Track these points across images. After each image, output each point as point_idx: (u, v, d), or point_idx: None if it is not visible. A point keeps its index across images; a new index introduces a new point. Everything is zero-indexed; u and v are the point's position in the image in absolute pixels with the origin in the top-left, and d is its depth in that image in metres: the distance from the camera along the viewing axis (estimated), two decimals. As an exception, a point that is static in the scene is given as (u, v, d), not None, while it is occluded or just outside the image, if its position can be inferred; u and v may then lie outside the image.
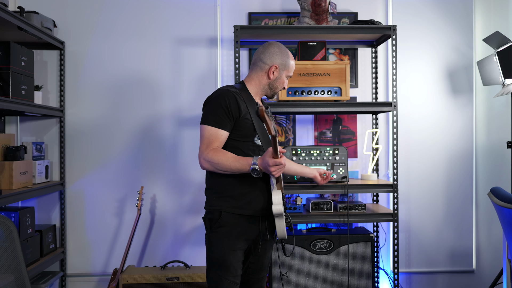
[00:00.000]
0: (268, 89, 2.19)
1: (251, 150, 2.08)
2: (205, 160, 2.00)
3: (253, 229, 2.08)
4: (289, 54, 2.19)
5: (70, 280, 3.41)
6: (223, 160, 1.96)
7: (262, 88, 2.18)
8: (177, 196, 3.43)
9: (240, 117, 2.04)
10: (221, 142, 2.03)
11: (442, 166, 3.53)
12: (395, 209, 3.02)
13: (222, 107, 2.01)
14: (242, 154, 2.04)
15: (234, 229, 2.05)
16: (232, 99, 2.03)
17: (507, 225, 2.21)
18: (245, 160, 1.96)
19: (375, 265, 3.21)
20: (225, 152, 1.99)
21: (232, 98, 2.02)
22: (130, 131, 3.42)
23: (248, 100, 2.11)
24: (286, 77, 2.19)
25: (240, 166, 1.96)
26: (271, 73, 2.14)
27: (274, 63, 2.14)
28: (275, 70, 2.14)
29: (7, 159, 2.85)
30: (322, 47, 3.17)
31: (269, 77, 2.15)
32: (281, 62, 2.15)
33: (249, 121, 2.06)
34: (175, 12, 3.45)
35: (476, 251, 3.55)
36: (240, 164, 1.96)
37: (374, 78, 3.50)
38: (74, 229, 3.41)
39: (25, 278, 1.76)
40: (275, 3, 3.49)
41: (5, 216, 1.76)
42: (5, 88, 2.72)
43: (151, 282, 2.99)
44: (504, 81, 2.96)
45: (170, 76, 3.44)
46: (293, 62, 2.20)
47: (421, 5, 3.52)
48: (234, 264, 2.04)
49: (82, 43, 3.41)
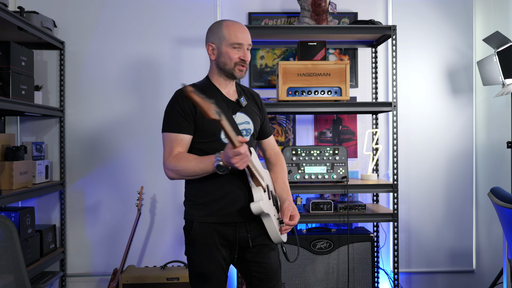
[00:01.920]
0: (220, 70, 1.97)
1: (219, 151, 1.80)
2: (169, 169, 1.85)
3: (231, 235, 1.93)
4: (220, 24, 1.96)
5: (70, 280, 3.41)
6: (186, 165, 1.81)
7: (216, 72, 1.99)
8: (177, 196, 3.43)
9: (197, 115, 1.88)
10: (183, 146, 1.88)
11: (442, 166, 3.53)
12: (395, 209, 3.02)
13: (177, 109, 1.89)
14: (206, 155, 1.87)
15: (208, 239, 1.90)
16: (184, 99, 1.87)
17: (507, 225, 2.22)
18: (208, 158, 1.79)
19: (375, 265, 3.21)
20: (187, 156, 1.85)
21: (185, 97, 1.77)
22: (130, 131, 3.42)
23: (211, 92, 1.94)
24: (231, 47, 1.93)
25: (205, 166, 1.79)
26: (211, 54, 1.98)
27: (208, 42, 1.99)
28: (212, 49, 1.97)
29: (7, 159, 2.85)
30: (322, 47, 3.17)
31: (212, 58, 1.99)
32: (212, 37, 1.97)
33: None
34: (175, 12, 3.45)
35: (476, 251, 3.55)
36: (204, 164, 1.79)
37: (374, 78, 3.50)
38: (74, 229, 3.41)
39: (25, 278, 1.76)
40: (275, 3, 3.49)
41: (5, 216, 1.76)
42: (5, 88, 2.72)
43: (151, 282, 2.99)
44: (504, 81, 2.95)
45: (170, 76, 3.44)
46: (228, 28, 1.94)
47: (421, 5, 3.52)
48: (215, 274, 1.92)
49: (82, 43, 3.41)
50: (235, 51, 1.93)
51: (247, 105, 2.03)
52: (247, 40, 1.96)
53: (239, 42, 1.93)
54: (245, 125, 1.99)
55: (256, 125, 2.04)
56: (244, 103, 2.00)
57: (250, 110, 2.03)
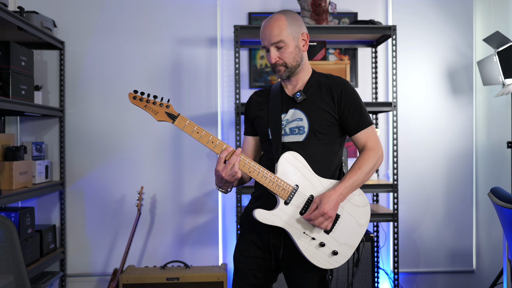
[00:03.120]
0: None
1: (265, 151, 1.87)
2: None
3: (266, 237, 1.80)
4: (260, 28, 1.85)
5: (70, 280, 3.41)
6: None
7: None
8: (177, 196, 3.43)
9: (252, 117, 1.92)
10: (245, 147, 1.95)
11: (442, 166, 3.53)
12: (395, 209, 3.02)
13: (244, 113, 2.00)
14: (264, 157, 1.88)
15: (246, 232, 1.87)
16: (247, 102, 1.96)
17: (507, 225, 2.21)
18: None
19: (375, 265, 3.21)
20: None
21: (248, 101, 1.96)
22: (130, 131, 3.42)
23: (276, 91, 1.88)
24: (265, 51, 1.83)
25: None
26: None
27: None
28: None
29: (7, 159, 2.85)
30: (322, 47, 3.17)
31: None
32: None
33: (262, 118, 1.86)
34: (175, 12, 3.45)
35: (476, 251, 3.55)
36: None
37: (374, 78, 3.50)
38: (74, 229, 3.41)
39: (25, 278, 1.76)
40: (275, 3, 3.49)
41: (5, 216, 1.76)
42: (5, 88, 2.72)
43: (151, 282, 2.99)
44: (504, 81, 2.95)
45: (169, 76, 3.44)
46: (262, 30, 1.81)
47: (421, 5, 3.52)
48: (243, 270, 1.84)
49: (82, 43, 3.41)
50: (267, 55, 1.81)
51: (307, 100, 1.80)
52: (269, 40, 1.77)
53: (263, 45, 1.82)
54: (296, 123, 1.79)
55: (313, 122, 1.77)
56: (300, 98, 1.79)
57: (309, 105, 1.79)
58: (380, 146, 1.80)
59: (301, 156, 1.74)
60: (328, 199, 1.66)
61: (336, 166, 1.82)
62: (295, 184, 1.72)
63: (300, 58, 1.81)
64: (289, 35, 1.77)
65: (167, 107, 1.70)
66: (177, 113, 1.70)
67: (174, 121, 1.69)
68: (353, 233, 1.75)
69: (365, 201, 1.79)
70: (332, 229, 1.72)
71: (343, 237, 1.74)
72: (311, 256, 1.70)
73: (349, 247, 1.75)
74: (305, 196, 1.72)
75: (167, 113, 1.70)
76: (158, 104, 1.70)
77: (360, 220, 1.77)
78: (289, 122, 1.79)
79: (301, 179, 1.73)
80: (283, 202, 1.71)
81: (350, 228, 1.75)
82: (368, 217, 1.79)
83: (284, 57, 1.77)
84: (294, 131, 1.78)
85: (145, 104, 1.70)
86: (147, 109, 1.70)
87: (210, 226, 3.44)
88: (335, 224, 1.73)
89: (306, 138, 1.77)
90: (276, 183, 1.71)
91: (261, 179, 1.70)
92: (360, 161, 1.75)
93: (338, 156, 1.83)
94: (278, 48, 1.77)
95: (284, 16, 1.78)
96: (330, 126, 1.79)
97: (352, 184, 1.72)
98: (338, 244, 1.73)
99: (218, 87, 3.45)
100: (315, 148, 1.77)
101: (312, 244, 1.71)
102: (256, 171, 1.71)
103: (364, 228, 1.78)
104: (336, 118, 1.79)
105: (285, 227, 1.70)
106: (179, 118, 1.70)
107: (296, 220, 1.71)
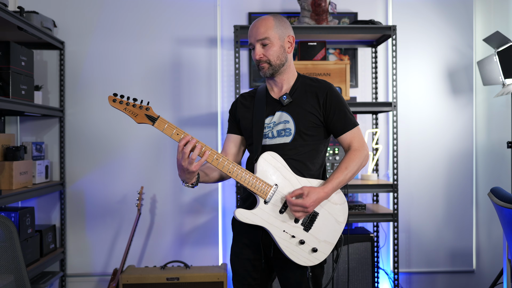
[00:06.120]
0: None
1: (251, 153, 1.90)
2: None
3: (257, 237, 1.83)
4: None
5: (70, 280, 3.41)
6: None
7: None
8: (177, 196, 3.43)
9: (237, 119, 1.96)
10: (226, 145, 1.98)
11: (442, 166, 3.53)
12: (395, 209, 3.02)
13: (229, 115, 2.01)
14: (249, 159, 1.91)
15: (237, 234, 1.92)
16: (232, 104, 2.00)
17: (507, 225, 2.21)
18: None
19: (375, 265, 3.21)
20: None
21: (233, 103, 2.00)
22: (130, 131, 3.42)
23: (261, 94, 1.92)
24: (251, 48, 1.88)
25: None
26: None
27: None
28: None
29: (7, 159, 2.85)
30: (322, 47, 3.17)
31: None
32: None
33: (247, 119, 1.91)
34: (175, 12, 3.45)
35: (476, 251, 3.55)
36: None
37: (374, 78, 3.50)
38: (74, 229, 3.41)
39: (25, 278, 1.76)
40: (275, 3, 3.49)
41: (5, 216, 1.76)
42: (5, 88, 2.72)
43: (151, 282, 2.99)
44: (504, 81, 2.95)
45: (169, 76, 3.44)
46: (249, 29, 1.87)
47: (421, 5, 3.52)
48: (240, 272, 1.89)
49: (82, 43, 3.41)
50: (252, 52, 1.86)
51: (293, 102, 1.84)
52: (255, 36, 1.82)
53: (249, 43, 1.86)
54: (283, 125, 1.83)
55: (300, 124, 1.82)
56: (286, 101, 1.84)
57: (295, 108, 1.84)
58: (366, 146, 1.86)
59: (279, 156, 1.80)
60: (316, 196, 1.72)
61: (320, 166, 1.89)
62: (275, 183, 1.78)
63: (284, 59, 1.86)
64: (275, 34, 1.82)
65: (146, 109, 1.71)
66: (157, 115, 1.71)
67: (154, 123, 1.71)
68: (331, 230, 1.81)
69: (343, 199, 1.85)
70: (311, 227, 1.78)
71: (322, 235, 1.79)
72: (291, 254, 1.75)
73: (328, 244, 1.80)
74: (284, 195, 1.77)
75: (147, 115, 1.71)
76: (138, 107, 1.71)
77: (338, 217, 1.82)
78: (276, 125, 1.85)
79: (280, 179, 1.78)
80: (263, 201, 1.76)
81: (329, 226, 1.80)
82: (345, 215, 1.85)
83: (269, 54, 1.82)
84: (281, 133, 1.84)
85: (124, 107, 1.70)
86: (127, 111, 1.70)
87: (210, 226, 3.44)
88: (314, 222, 1.79)
89: (293, 139, 1.83)
90: (255, 183, 1.76)
91: (241, 180, 1.75)
92: (347, 161, 1.81)
93: (322, 156, 1.91)
94: (264, 45, 1.82)
95: (272, 17, 1.86)
96: (315, 127, 1.85)
97: (339, 183, 1.78)
98: (317, 241, 1.78)
99: (218, 87, 3.45)
100: (301, 149, 1.83)
101: (292, 242, 1.76)
102: (235, 172, 1.75)
103: (342, 225, 1.83)
104: (321, 120, 1.85)
105: (265, 226, 1.75)
106: (159, 120, 1.71)
107: (276, 219, 1.76)
